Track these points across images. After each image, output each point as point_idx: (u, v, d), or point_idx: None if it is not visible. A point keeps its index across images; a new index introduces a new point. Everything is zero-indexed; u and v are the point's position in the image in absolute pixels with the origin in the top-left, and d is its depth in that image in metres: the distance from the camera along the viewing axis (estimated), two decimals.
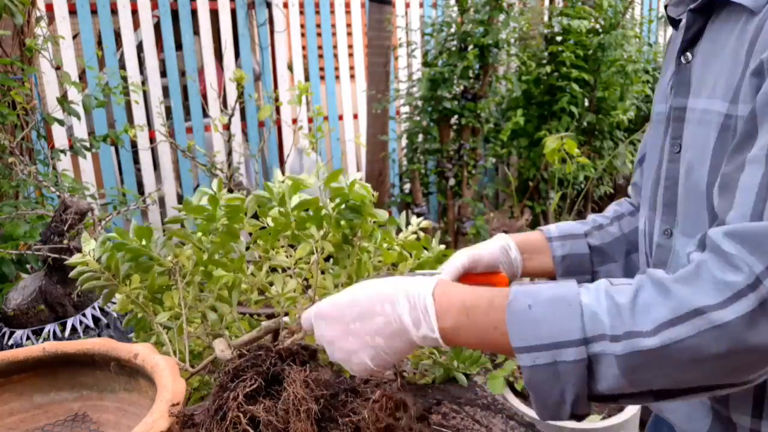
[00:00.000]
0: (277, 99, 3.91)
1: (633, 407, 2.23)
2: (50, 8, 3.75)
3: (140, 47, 4.18)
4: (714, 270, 0.65)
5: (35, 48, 2.64)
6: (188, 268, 1.18)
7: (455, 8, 3.91)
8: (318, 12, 4.52)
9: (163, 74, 4.27)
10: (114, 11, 3.99)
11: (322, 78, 4.63)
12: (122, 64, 4.10)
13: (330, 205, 1.14)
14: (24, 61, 2.65)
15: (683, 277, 0.66)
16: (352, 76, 4.72)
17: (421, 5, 4.73)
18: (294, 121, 4.49)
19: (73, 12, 3.88)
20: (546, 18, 4.33)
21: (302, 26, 4.53)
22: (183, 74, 4.35)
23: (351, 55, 4.71)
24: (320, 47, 4.60)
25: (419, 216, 1.50)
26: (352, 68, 4.70)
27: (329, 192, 1.14)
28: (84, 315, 1.99)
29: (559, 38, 3.91)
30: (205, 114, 4.22)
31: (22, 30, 2.62)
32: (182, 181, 4.42)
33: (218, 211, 1.14)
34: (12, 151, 2.37)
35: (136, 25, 4.10)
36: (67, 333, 1.93)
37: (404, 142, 4.34)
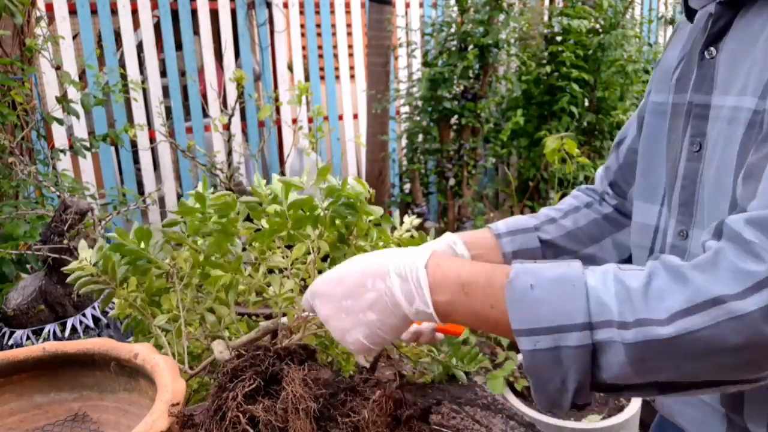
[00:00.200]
0: (277, 99, 3.91)
1: (633, 407, 2.22)
2: (50, 8, 3.75)
3: (140, 47, 4.18)
4: (733, 258, 0.61)
5: (35, 48, 2.64)
6: (185, 271, 1.18)
7: (455, 8, 3.91)
8: (318, 12, 4.52)
9: (163, 74, 4.27)
10: (114, 11, 3.99)
11: (322, 78, 4.63)
12: (122, 64, 4.10)
13: (324, 204, 1.14)
14: (24, 61, 2.65)
15: (700, 265, 0.63)
16: (352, 76, 4.72)
17: (421, 5, 4.73)
18: (294, 121, 4.49)
19: (73, 12, 3.88)
20: (546, 18, 4.33)
21: (302, 26, 4.53)
22: (183, 74, 4.35)
23: (351, 55, 4.71)
24: (320, 47, 4.60)
25: (419, 216, 1.50)
26: (352, 68, 4.70)
27: (323, 191, 1.14)
28: (84, 315, 1.99)
29: (559, 38, 3.91)
30: (205, 114, 4.22)
31: (22, 30, 2.62)
32: (182, 181, 4.42)
33: (208, 210, 1.14)
34: (12, 151, 2.37)
35: (136, 25, 4.10)
36: (67, 333, 1.93)
37: (404, 142, 4.34)
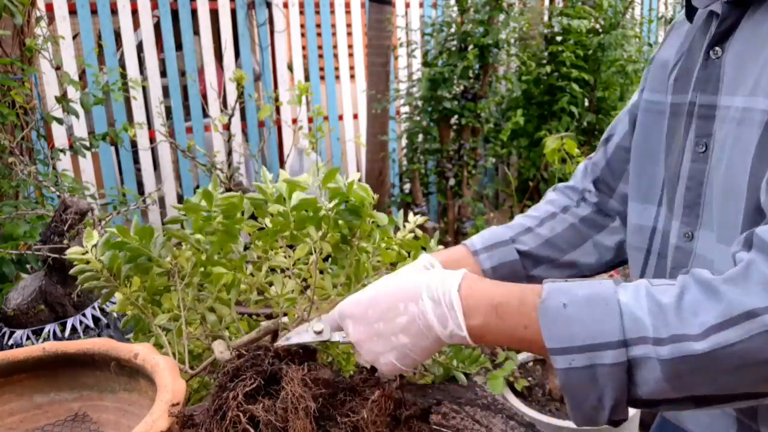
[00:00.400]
0: (277, 99, 3.92)
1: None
2: (50, 8, 3.75)
3: (140, 47, 4.18)
4: (765, 269, 0.61)
5: (35, 48, 2.64)
6: (187, 270, 1.18)
7: (455, 8, 3.91)
8: (318, 12, 4.52)
9: (163, 74, 4.27)
10: (114, 11, 3.99)
11: (322, 78, 4.63)
12: (122, 64, 4.10)
13: (329, 206, 1.14)
14: (24, 61, 2.65)
15: (732, 278, 0.63)
16: (352, 76, 4.72)
17: (421, 5, 4.73)
18: (294, 121, 4.49)
19: (73, 12, 3.88)
20: (546, 18, 4.33)
21: (302, 26, 4.53)
22: (183, 74, 4.35)
23: (351, 55, 4.71)
24: (320, 47, 4.60)
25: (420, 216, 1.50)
26: (352, 68, 4.70)
27: (327, 192, 1.14)
28: (84, 315, 1.99)
29: (559, 38, 3.91)
30: (205, 114, 4.22)
31: (22, 30, 2.62)
32: (182, 181, 4.42)
33: (214, 210, 1.14)
34: (12, 151, 2.37)
35: (136, 25, 4.10)
36: (67, 333, 1.93)
37: (404, 142, 4.34)
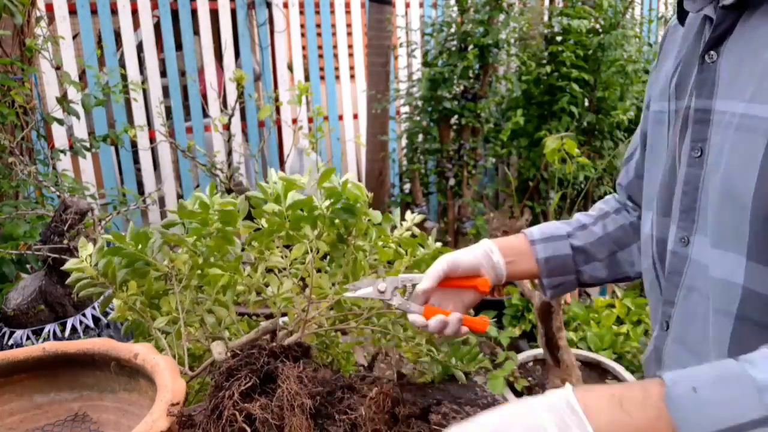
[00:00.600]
0: (277, 99, 3.92)
1: None
2: (50, 8, 3.75)
3: (140, 47, 4.18)
4: None
5: (35, 48, 2.64)
6: (184, 273, 1.18)
7: (455, 8, 3.91)
8: (318, 12, 4.52)
9: (163, 74, 4.27)
10: (114, 11, 3.99)
11: (322, 78, 4.63)
12: (122, 64, 4.10)
13: (324, 205, 1.14)
14: (24, 61, 2.65)
15: None
16: (352, 76, 4.72)
17: (421, 5, 4.73)
18: (294, 121, 4.49)
19: (73, 12, 3.89)
20: (546, 18, 4.33)
21: (302, 26, 4.53)
22: (183, 74, 4.35)
23: (351, 55, 4.71)
24: (320, 47, 4.60)
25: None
26: (352, 68, 4.71)
27: (323, 191, 1.14)
28: (84, 315, 1.99)
29: (559, 38, 3.91)
30: (205, 114, 4.22)
31: (22, 30, 2.62)
32: (182, 181, 4.42)
33: (211, 216, 1.14)
34: (12, 151, 2.37)
35: (136, 25, 4.10)
36: (67, 333, 1.93)
37: (404, 142, 4.34)
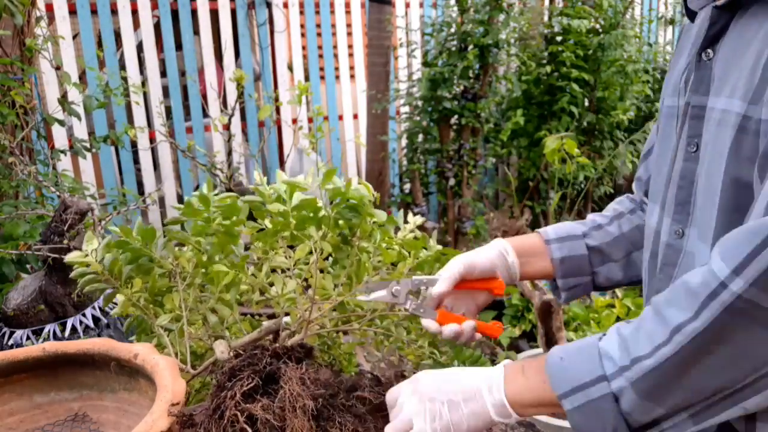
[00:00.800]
0: (277, 99, 3.91)
1: None
2: (50, 8, 3.75)
3: (140, 47, 4.18)
4: (688, 281, 0.70)
5: (35, 48, 2.64)
6: (188, 270, 1.18)
7: (455, 8, 3.91)
8: (318, 12, 4.52)
9: (163, 74, 4.27)
10: (114, 11, 3.99)
11: (322, 78, 4.63)
12: (122, 64, 4.10)
13: (329, 206, 1.14)
14: (24, 61, 2.65)
15: (669, 298, 0.72)
16: (352, 76, 4.72)
17: (421, 5, 4.73)
18: (294, 121, 4.49)
19: (73, 12, 3.88)
20: (546, 18, 4.33)
21: (302, 26, 4.53)
22: (183, 74, 4.35)
23: (351, 55, 4.71)
24: (320, 47, 4.60)
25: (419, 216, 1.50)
26: (352, 68, 4.70)
27: (327, 192, 1.14)
28: (84, 315, 1.99)
29: (559, 38, 3.91)
30: (205, 114, 4.22)
31: (22, 30, 2.62)
32: (182, 181, 4.42)
33: (212, 211, 1.14)
34: (12, 151, 2.37)
35: (136, 25, 4.10)
36: (67, 333, 1.93)
37: (404, 142, 4.34)
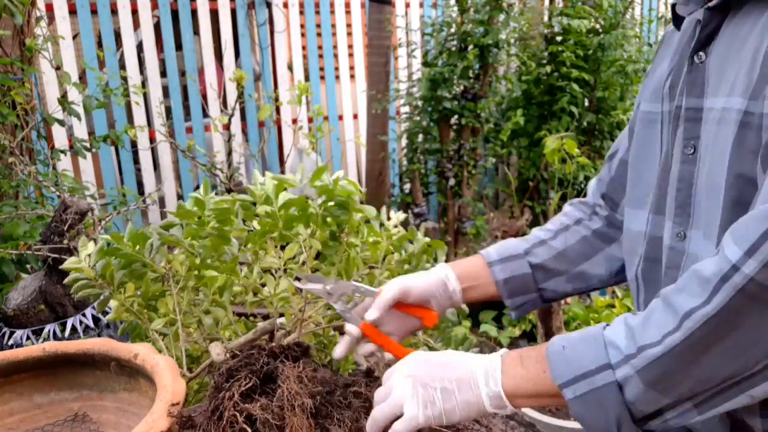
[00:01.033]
0: (277, 99, 3.91)
1: None
2: (50, 8, 3.75)
3: (140, 47, 4.18)
4: (700, 270, 0.70)
5: (35, 48, 2.64)
6: (181, 274, 1.18)
7: (455, 8, 3.91)
8: (318, 12, 4.52)
9: (163, 74, 4.27)
10: (114, 11, 3.99)
11: (322, 78, 4.63)
12: (122, 64, 4.10)
13: (316, 203, 1.15)
14: (24, 61, 2.65)
15: (680, 286, 0.72)
16: (352, 76, 4.72)
17: (421, 5, 4.73)
18: (294, 121, 4.49)
19: (73, 12, 3.88)
20: (546, 18, 4.33)
21: (302, 26, 4.53)
22: (183, 74, 4.35)
23: (351, 55, 4.71)
24: (320, 47, 4.60)
25: (418, 216, 1.51)
26: (352, 68, 4.70)
27: (316, 190, 1.15)
28: (84, 315, 1.99)
29: (559, 38, 3.91)
30: (205, 114, 4.22)
31: (22, 30, 2.62)
32: (182, 181, 4.42)
33: (206, 215, 1.14)
34: (12, 151, 2.37)
35: (136, 25, 4.10)
36: (67, 333, 1.93)
37: (404, 142, 4.34)
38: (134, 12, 4.05)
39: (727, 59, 0.79)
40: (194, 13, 4.20)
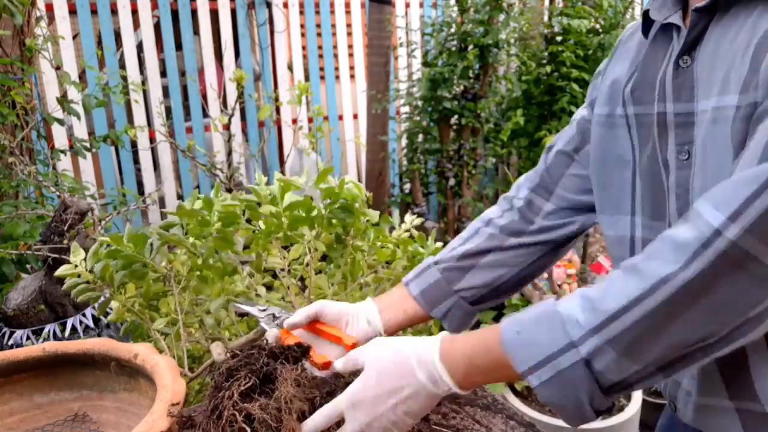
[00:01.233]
0: (277, 99, 3.91)
1: (633, 407, 2.22)
2: (50, 8, 3.75)
3: (140, 47, 4.18)
4: (675, 236, 0.68)
5: (35, 48, 2.64)
6: (183, 274, 1.18)
7: (455, 8, 3.91)
8: (318, 12, 4.52)
9: (163, 74, 4.27)
10: (114, 11, 3.99)
11: (322, 78, 4.63)
12: (122, 64, 4.10)
13: (321, 205, 1.14)
14: (24, 61, 2.65)
15: (650, 253, 0.70)
16: (352, 76, 4.72)
17: (421, 5, 4.73)
18: (294, 121, 4.49)
19: (73, 12, 3.88)
20: (546, 18, 4.33)
21: (302, 26, 4.53)
22: (183, 74, 4.35)
23: (351, 55, 4.71)
24: (320, 47, 4.60)
25: (419, 216, 1.51)
26: (352, 68, 4.70)
27: (321, 192, 1.14)
28: (84, 315, 1.99)
29: (559, 38, 3.91)
30: (205, 114, 4.22)
31: (22, 30, 2.62)
32: (182, 181, 4.42)
33: (213, 216, 1.14)
34: (12, 151, 2.37)
35: (136, 25, 4.10)
36: (67, 333, 1.93)
37: (404, 142, 4.34)
38: (134, 12, 4.05)
39: (716, 60, 0.79)
40: (194, 13, 4.20)
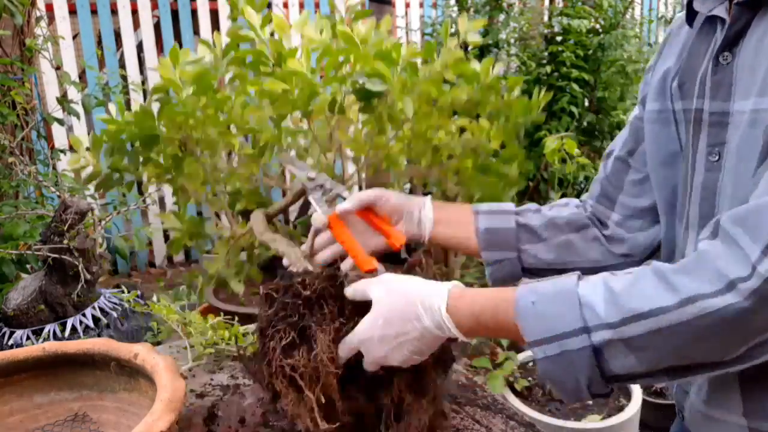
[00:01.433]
0: None
1: (633, 407, 2.23)
2: (50, 8, 3.75)
3: (140, 47, 4.18)
4: (713, 255, 0.67)
5: (35, 48, 2.64)
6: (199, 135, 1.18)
7: (455, 8, 3.91)
8: (318, 12, 4.52)
9: None
10: (114, 11, 3.99)
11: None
12: (122, 64, 4.10)
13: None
14: (24, 61, 2.65)
15: (683, 267, 0.69)
16: None
17: (421, 5, 4.73)
18: None
19: (73, 12, 3.88)
20: (546, 18, 4.33)
21: None
22: None
23: None
24: None
25: None
26: None
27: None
28: (84, 315, 1.99)
29: (559, 38, 3.91)
30: None
31: (22, 30, 2.62)
32: None
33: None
34: (12, 151, 2.37)
35: (136, 25, 4.10)
36: (67, 333, 1.93)
37: None
38: (134, 12, 4.05)
39: (758, 59, 0.75)
40: (194, 13, 4.20)
